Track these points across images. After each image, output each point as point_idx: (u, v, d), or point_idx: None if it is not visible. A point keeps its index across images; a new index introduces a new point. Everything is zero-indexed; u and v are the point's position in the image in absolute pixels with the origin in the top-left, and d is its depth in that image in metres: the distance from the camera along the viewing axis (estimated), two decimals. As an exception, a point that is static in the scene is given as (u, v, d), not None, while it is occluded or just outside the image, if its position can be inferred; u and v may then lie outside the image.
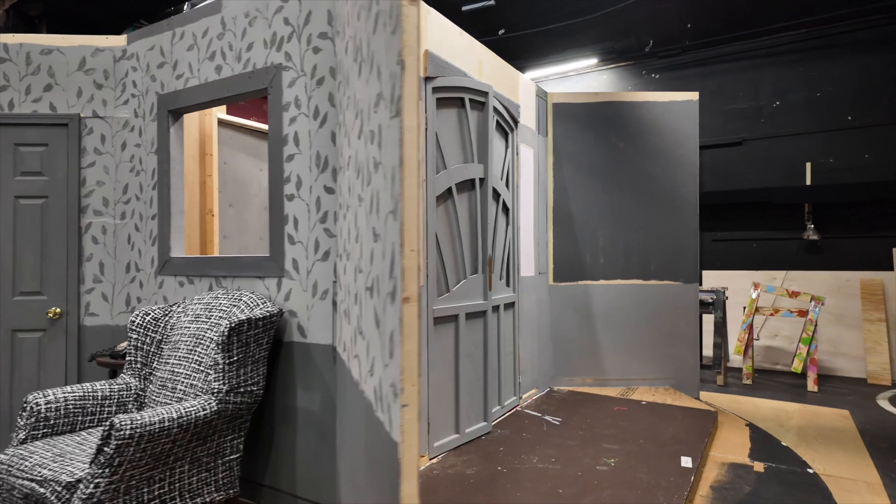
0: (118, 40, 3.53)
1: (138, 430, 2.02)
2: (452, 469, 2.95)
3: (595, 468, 2.93)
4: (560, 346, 4.75)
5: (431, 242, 3.12)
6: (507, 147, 4.10)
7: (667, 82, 7.64)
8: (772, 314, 6.05)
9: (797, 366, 5.78)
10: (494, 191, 3.85)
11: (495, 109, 3.81)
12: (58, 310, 3.40)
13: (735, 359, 6.75)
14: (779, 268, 6.91)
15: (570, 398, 4.36)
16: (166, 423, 2.12)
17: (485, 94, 3.56)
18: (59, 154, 3.46)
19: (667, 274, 4.74)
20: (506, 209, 4.07)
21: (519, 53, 7.81)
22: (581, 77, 8.19)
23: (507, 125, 4.06)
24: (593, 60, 7.76)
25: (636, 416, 3.86)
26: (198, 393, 2.48)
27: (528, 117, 4.37)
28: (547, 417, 3.84)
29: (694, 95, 4.76)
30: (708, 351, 6.93)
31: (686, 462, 3.02)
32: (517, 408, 4.07)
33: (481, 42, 7.26)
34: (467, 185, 3.49)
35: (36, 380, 3.42)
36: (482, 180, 3.57)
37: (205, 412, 2.28)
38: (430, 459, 3.06)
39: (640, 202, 4.75)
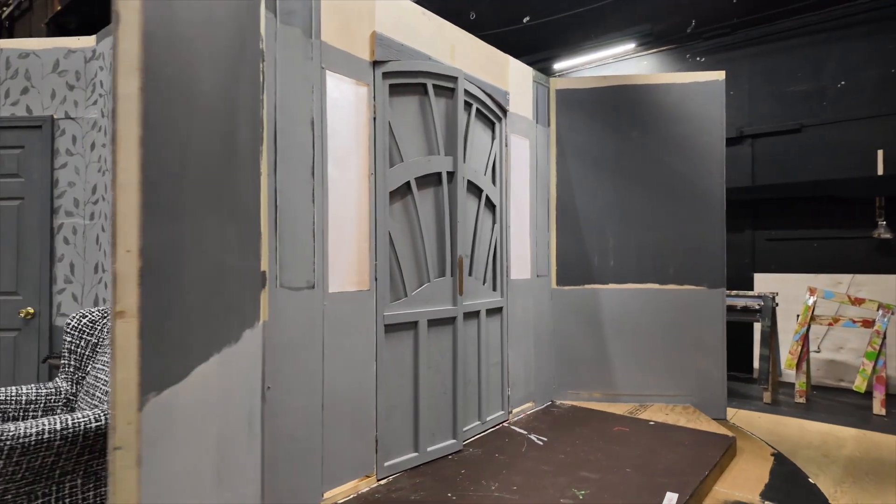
0: (89, 41, 3.52)
1: (9, 443, 1.89)
2: (397, 493, 2.66)
3: (558, 501, 2.54)
4: (564, 356, 4.32)
5: (383, 242, 2.85)
6: (493, 138, 3.75)
7: (714, 65, 6.93)
8: (830, 324, 5.29)
9: (860, 384, 5.00)
10: (475, 186, 3.52)
11: (474, 97, 3.48)
12: (31, 310, 3.43)
13: (789, 374, 5.98)
14: (844, 271, 6.05)
15: (568, 414, 3.94)
16: (46, 436, 1.99)
17: (453, 79, 3.24)
18: (35, 156, 3.49)
19: (688, 277, 4.20)
20: (491, 206, 3.72)
21: (548, 43, 7.36)
22: (619, 64, 7.60)
23: (493, 114, 3.71)
24: (630, 46, 7.18)
25: (635, 439, 3.40)
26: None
27: (522, 106, 4.00)
28: (532, 436, 3.45)
29: (720, 75, 4.19)
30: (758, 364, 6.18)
31: (670, 499, 2.57)
32: (504, 423, 3.71)
33: (504, 31, 6.89)
34: (432, 180, 3.19)
35: (11, 379, 3.46)
36: (451, 174, 3.25)
37: (98, 423, 2.13)
38: (379, 481, 2.79)
39: (657, 197, 4.24)
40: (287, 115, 2.41)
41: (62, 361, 2.72)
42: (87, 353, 2.72)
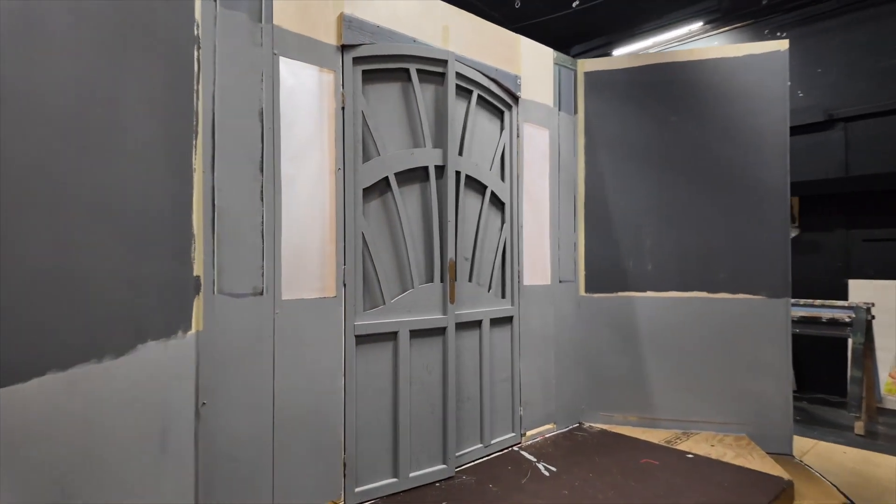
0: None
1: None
2: (359, 525, 2.37)
3: (538, 551, 2.14)
4: (595, 373, 3.83)
5: (353, 244, 2.58)
6: (501, 129, 3.37)
7: (798, 40, 6.03)
8: (941, 342, 4.35)
9: (981, 418, 4.06)
10: (477, 182, 3.17)
11: (474, 83, 3.13)
12: None
13: (891, 400, 5.02)
14: (965, 277, 5.00)
15: (593, 440, 3.46)
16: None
17: (442, 62, 2.91)
18: None
19: (742, 285, 3.56)
20: (499, 204, 3.35)
21: (602, 28, 6.78)
22: (685, 48, 6.85)
23: (500, 102, 3.33)
24: (696, 25, 6.44)
25: (663, 476, 2.88)
26: None
27: (539, 92, 3.58)
28: (541, 464, 3.03)
29: (781, 44, 3.53)
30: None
31: (679, 561, 2.08)
32: (514, 447, 3.31)
33: (550, 19, 6.42)
34: (418, 175, 2.88)
35: None
36: (440, 168, 2.92)
37: None
38: (346, 508, 2.52)
39: (704, 190, 3.65)
40: (229, 107, 2.21)
41: None
42: None
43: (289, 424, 2.35)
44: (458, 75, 3.03)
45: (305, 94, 2.45)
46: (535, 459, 3.11)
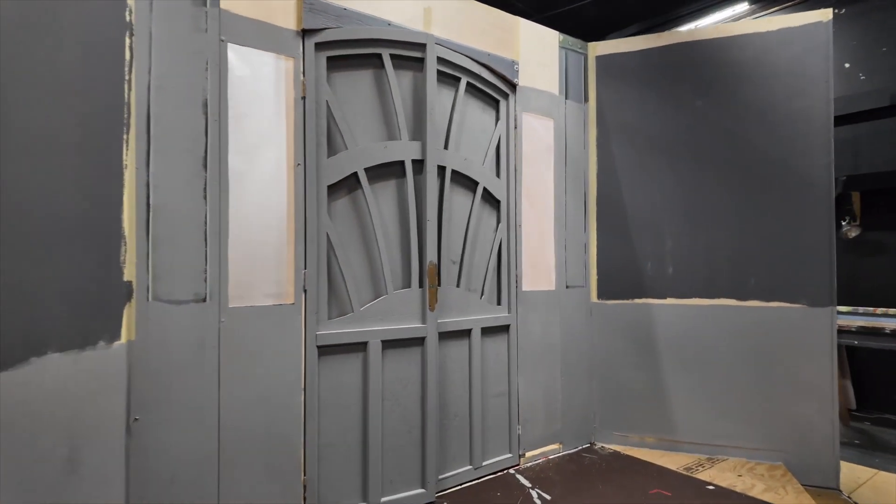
0: None
1: None
2: (313, 556, 2.15)
3: None
4: (607, 387, 3.46)
5: (316, 246, 2.36)
6: (497, 120, 3.08)
7: (860, 17, 5.38)
8: None
9: None
10: (466, 178, 2.90)
11: (462, 69, 2.86)
12: None
13: (970, 424, 4.35)
14: None
15: (601, 463, 3.10)
16: None
17: (420, 46, 2.65)
18: None
19: (777, 291, 3.11)
20: (493, 202, 3.06)
21: (640, 14, 6.32)
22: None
23: (495, 90, 3.04)
24: (742, 5, 5.87)
25: (672, 512, 2.51)
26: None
27: (542, 78, 3.26)
28: (535, 491, 2.72)
29: (823, 14, 3.06)
30: (920, 407, 4.60)
31: None
32: (510, 470, 3.00)
33: (579, 6, 6.03)
34: (394, 171, 2.63)
35: None
36: (419, 163, 2.67)
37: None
38: (305, 535, 2.30)
39: (732, 184, 3.22)
40: (168, 98, 2.04)
41: None
42: None
43: (237, 443, 2.16)
44: (442, 61, 2.76)
45: (260, 83, 2.25)
46: (529, 485, 2.80)
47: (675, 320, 3.32)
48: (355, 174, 2.50)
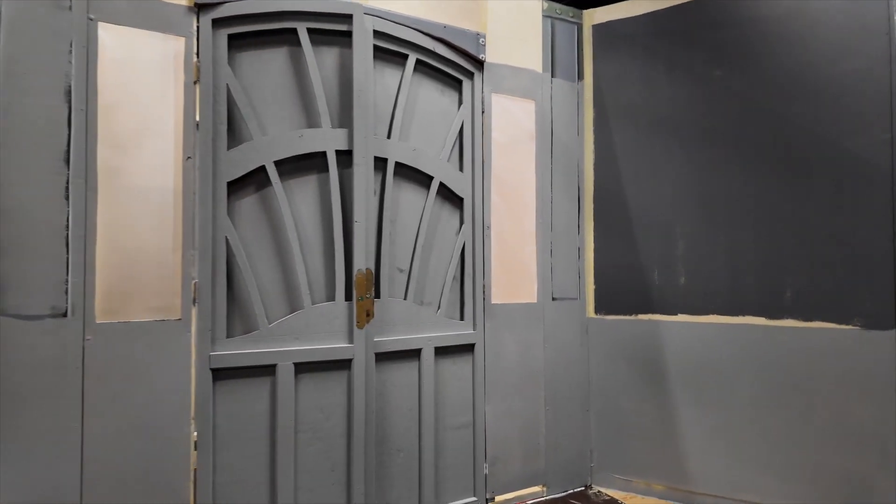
0: None
1: None
2: None
3: None
4: (608, 421, 2.88)
5: (211, 252, 2.04)
6: (460, 103, 2.63)
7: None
8: None
9: None
10: (418, 172, 2.48)
11: (409, 45, 2.45)
12: None
13: None
14: None
15: (587, 516, 2.54)
16: None
17: (346, 18, 2.26)
18: None
19: (822, 308, 2.42)
20: (455, 200, 2.61)
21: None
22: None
23: (455, 69, 2.60)
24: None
25: None
26: None
27: (519, 54, 2.77)
28: (489, 550, 2.23)
29: (881, -54, 2.34)
30: None
31: None
32: (473, 517, 2.53)
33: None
34: (316, 164, 2.26)
35: None
36: (346, 154, 2.28)
37: None
38: (193, 589, 1.97)
39: (761, 172, 2.55)
40: (19, 85, 1.79)
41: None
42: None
43: (106, 481, 1.87)
44: (382, 35, 2.36)
45: (140, 67, 1.97)
46: (487, 540, 2.32)
47: (689, 342, 2.69)
48: (264, 169, 2.15)
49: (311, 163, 2.25)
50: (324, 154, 2.24)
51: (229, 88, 2.10)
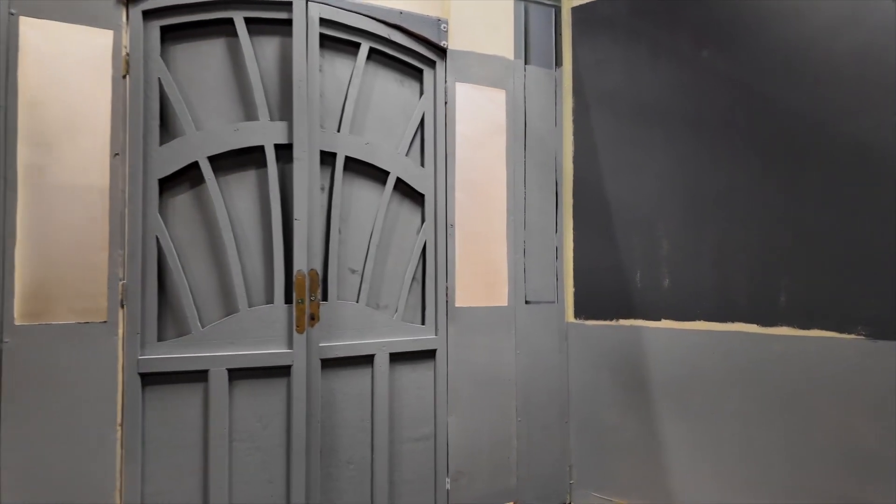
0: None
1: None
2: None
3: None
4: (588, 434, 2.66)
5: (140, 252, 1.97)
6: (421, 94, 2.48)
7: None
8: None
9: None
10: (372, 168, 2.35)
11: (361, 32, 2.32)
12: None
13: None
14: None
15: (556, 540, 2.34)
16: None
17: (286, 5, 2.15)
18: None
19: (821, 314, 2.13)
20: (416, 197, 2.46)
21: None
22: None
23: (415, 57, 2.45)
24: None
25: None
26: None
27: (490, 39, 2.59)
28: (439, 573, 2.07)
29: None
30: None
31: None
32: (431, 535, 2.37)
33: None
34: (256, 159, 2.15)
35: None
36: (286, 148, 2.16)
37: None
38: None
39: (752, 163, 2.29)
40: (-64, 82, 1.76)
41: None
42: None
43: (25, 491, 1.81)
44: (330, 23, 2.24)
45: (66, 61, 1.91)
46: (439, 562, 2.15)
47: (674, 351, 2.44)
48: (198, 164, 2.05)
49: (250, 158, 2.14)
50: (259, 148, 2.12)
51: (161, 82, 2.02)
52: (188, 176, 2.07)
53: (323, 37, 2.25)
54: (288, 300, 2.13)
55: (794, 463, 2.16)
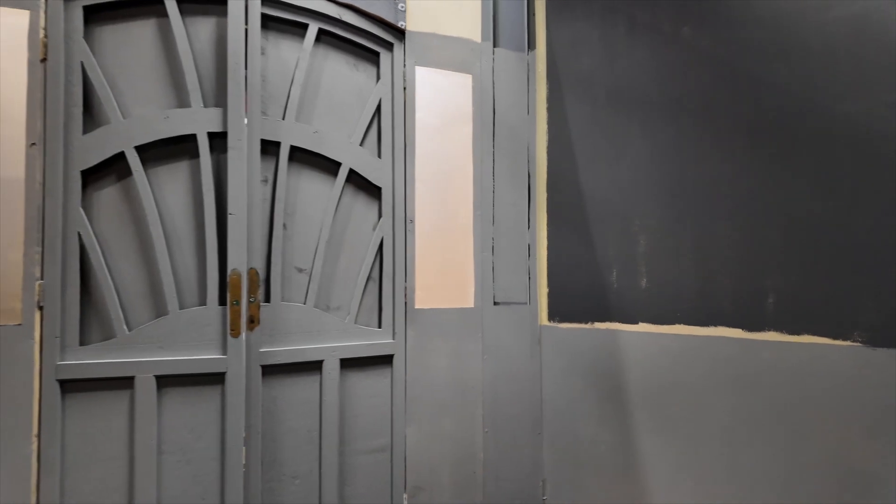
0: None
1: None
2: None
3: None
4: (563, 447, 2.45)
5: (60, 250, 1.82)
6: (378, 78, 2.30)
7: None
8: None
9: None
10: (323, 158, 2.18)
11: (311, 13, 2.15)
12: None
13: None
14: None
15: (520, 563, 2.14)
16: None
17: (220, -17, 1.99)
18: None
19: (813, 318, 1.90)
20: (372, 190, 2.29)
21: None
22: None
23: (370, 39, 2.28)
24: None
25: None
26: None
27: (453, 20, 2.41)
28: None
29: None
30: None
31: None
32: (386, 556, 2.19)
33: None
34: (189, 149, 2.00)
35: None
36: (223, 136, 2.00)
37: None
38: None
39: (736, 149, 2.07)
40: None
41: None
42: None
43: (-72, 503, 1.68)
44: (273, 2, 2.08)
45: (-23, 43, 1.77)
46: (388, 587, 1.97)
47: (652, 357, 2.23)
48: (125, 155, 1.90)
49: (182, 148, 1.98)
50: (191, 137, 1.97)
51: (84, 66, 1.87)
52: (115, 167, 1.92)
53: (267, 17, 2.09)
54: (222, 302, 1.97)
55: (782, 484, 1.94)
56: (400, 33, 2.30)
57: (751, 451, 2.00)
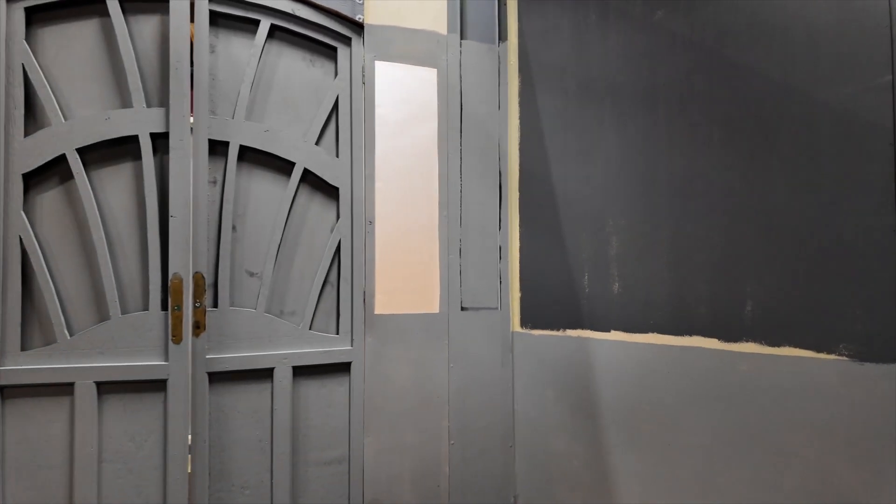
0: None
1: None
2: None
3: None
4: (534, 460, 2.31)
5: (0, 254, 1.80)
6: (336, 75, 2.22)
7: None
8: None
9: None
10: (276, 158, 2.11)
11: (263, 9, 2.08)
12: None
13: None
14: None
15: (479, 586, 2.01)
16: None
17: (162, -21, 1.94)
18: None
19: (795, 328, 1.72)
20: (329, 190, 2.20)
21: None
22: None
23: (326, 34, 2.20)
24: None
25: None
26: None
27: (417, 12, 2.30)
28: None
29: None
30: None
31: None
32: (340, 572, 2.10)
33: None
34: (131, 150, 1.95)
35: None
36: (163, 137, 1.95)
37: None
38: None
39: (713, 143, 1.89)
40: None
41: None
42: None
43: None
44: (222, -1, 2.02)
45: (-83, 47, 1.77)
46: None
47: (624, 367, 2.07)
48: (66, 158, 1.87)
49: (125, 149, 1.94)
50: (134, 138, 1.92)
51: (25, 68, 1.85)
52: (57, 170, 1.89)
53: (217, 14, 2.03)
54: (165, 307, 1.92)
55: (759, 500, 1.75)
56: (358, 27, 2.21)
57: (728, 472, 1.83)
